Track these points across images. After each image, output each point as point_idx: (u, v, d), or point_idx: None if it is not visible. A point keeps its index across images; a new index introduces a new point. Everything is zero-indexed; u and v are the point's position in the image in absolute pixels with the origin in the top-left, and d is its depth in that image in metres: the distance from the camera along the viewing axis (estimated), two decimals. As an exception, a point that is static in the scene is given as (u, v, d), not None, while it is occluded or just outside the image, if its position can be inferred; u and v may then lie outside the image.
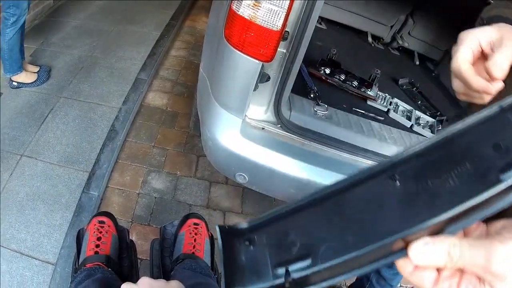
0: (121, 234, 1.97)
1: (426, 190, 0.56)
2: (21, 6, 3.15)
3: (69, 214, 2.65)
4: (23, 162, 2.90)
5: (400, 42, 3.96)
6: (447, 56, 3.65)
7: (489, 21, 0.96)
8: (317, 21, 3.99)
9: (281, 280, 0.60)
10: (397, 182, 0.59)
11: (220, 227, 0.66)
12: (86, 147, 3.06)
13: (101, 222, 1.89)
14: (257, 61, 1.93)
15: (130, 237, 2.09)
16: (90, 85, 3.70)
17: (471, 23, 1.13)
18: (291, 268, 0.60)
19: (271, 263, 0.63)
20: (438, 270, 0.57)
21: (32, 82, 3.58)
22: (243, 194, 3.13)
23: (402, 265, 0.57)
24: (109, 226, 1.89)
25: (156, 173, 3.12)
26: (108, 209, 2.68)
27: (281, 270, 0.61)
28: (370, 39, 4.13)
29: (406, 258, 0.55)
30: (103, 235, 1.83)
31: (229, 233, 0.67)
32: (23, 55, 3.51)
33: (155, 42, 4.54)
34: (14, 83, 3.52)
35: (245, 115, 2.16)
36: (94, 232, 1.83)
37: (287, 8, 1.83)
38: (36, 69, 3.67)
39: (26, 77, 3.55)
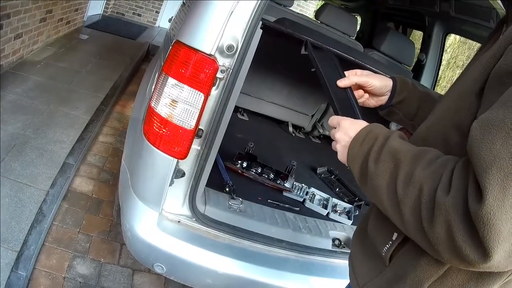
0: None
1: None
2: None
3: (-2, 291, 2.60)
4: (-47, 237, 2.83)
5: (321, 130, 4.12)
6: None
7: None
8: (240, 113, 4.17)
9: None
10: None
11: None
12: (15, 227, 3.02)
13: None
14: (172, 158, 2.02)
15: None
16: (20, 164, 3.68)
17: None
18: None
19: None
20: None
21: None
22: (166, 282, 3.14)
23: None
24: None
25: (81, 258, 3.10)
26: (36, 290, 2.65)
27: None
28: (291, 129, 4.28)
29: None
30: None
31: None
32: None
33: (85, 127, 4.55)
34: None
35: (162, 209, 2.23)
36: None
37: (200, 108, 1.93)
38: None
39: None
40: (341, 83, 1.57)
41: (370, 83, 1.58)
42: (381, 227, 1.24)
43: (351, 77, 1.59)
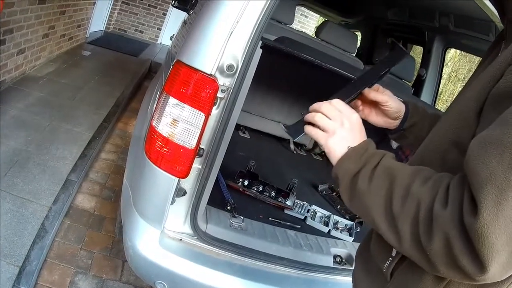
0: None
1: None
2: None
3: (0, 307, 2.61)
4: (-46, 251, 2.84)
5: (322, 147, 4.13)
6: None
7: None
8: (241, 131, 4.18)
9: None
10: None
11: None
12: (17, 242, 3.03)
13: None
14: (173, 177, 2.03)
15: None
16: (23, 180, 3.69)
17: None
18: None
19: None
20: None
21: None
22: (167, 299, 3.13)
23: None
24: None
25: (83, 274, 3.10)
26: (38, 306, 2.66)
27: None
28: (292, 146, 4.30)
29: None
30: None
31: None
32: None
33: (87, 144, 4.58)
34: None
35: (164, 227, 2.24)
36: None
37: (201, 127, 1.95)
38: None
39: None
40: (367, 92, 1.58)
41: (389, 104, 1.58)
42: (382, 243, 1.23)
43: (375, 93, 1.58)
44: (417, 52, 5.75)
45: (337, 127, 1.24)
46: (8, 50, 5.00)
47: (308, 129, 1.32)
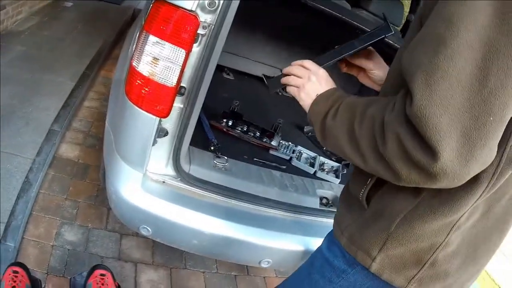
0: (34, 284, 2.11)
1: None
2: None
3: (-13, 264, 2.59)
4: None
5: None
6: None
7: None
8: (225, 72, 4.13)
9: None
10: None
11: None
12: (3, 198, 2.98)
13: (15, 272, 2.03)
14: (154, 116, 1.99)
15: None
16: (8, 134, 3.63)
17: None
18: None
19: None
20: None
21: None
22: (154, 245, 3.13)
23: None
24: (22, 276, 2.01)
25: (68, 225, 3.09)
26: (24, 260, 2.61)
27: None
28: (277, 88, 4.25)
29: None
30: (17, 284, 1.98)
31: None
32: None
33: (70, 93, 4.50)
34: None
35: (146, 169, 2.20)
36: (9, 281, 1.97)
37: (181, 65, 1.90)
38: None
39: None
40: (351, 57, 1.67)
41: (373, 72, 1.64)
42: (357, 177, 1.37)
43: (360, 60, 1.66)
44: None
45: (305, 82, 1.45)
46: (-11, 7, 4.90)
47: (287, 88, 1.57)
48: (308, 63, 1.51)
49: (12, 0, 5.51)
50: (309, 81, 1.43)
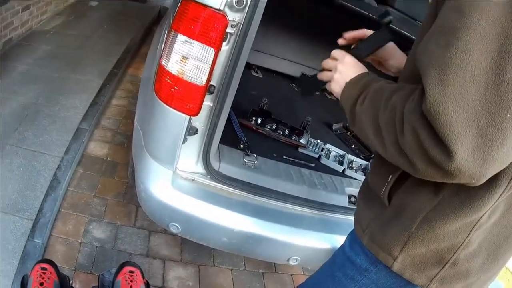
0: (63, 281, 2.11)
1: None
2: None
3: (15, 261, 2.61)
4: (-30, 207, 2.86)
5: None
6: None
7: None
8: (254, 70, 4.13)
9: None
10: None
11: None
12: (30, 195, 3.04)
13: (43, 268, 2.04)
14: (184, 115, 2.00)
15: (72, 284, 2.14)
16: (34, 133, 3.69)
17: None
18: None
19: None
20: None
21: (-21, 127, 3.52)
22: (182, 242, 3.15)
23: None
24: (50, 273, 2.02)
25: (97, 222, 3.12)
26: (52, 257, 2.64)
27: None
28: (306, 85, 4.24)
29: None
30: (45, 281, 1.98)
31: None
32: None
33: (97, 91, 4.53)
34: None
35: (176, 167, 2.22)
36: (37, 278, 1.97)
37: (211, 63, 1.91)
38: (-17, 114, 3.62)
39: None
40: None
41: (388, 62, 1.66)
42: (378, 173, 1.36)
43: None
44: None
45: (333, 73, 1.43)
46: (12, 8, 4.94)
47: (326, 85, 1.51)
48: (335, 52, 1.51)
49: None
50: (337, 71, 1.42)
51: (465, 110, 0.88)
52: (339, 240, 2.36)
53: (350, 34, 1.63)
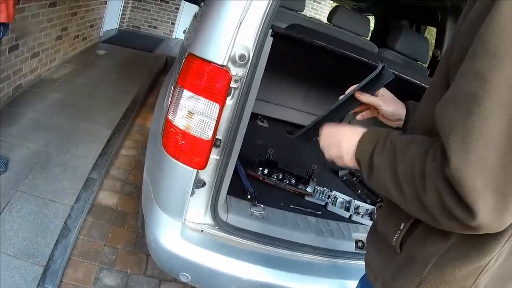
0: None
1: None
2: None
3: (26, 305, 2.64)
4: (-18, 251, 2.88)
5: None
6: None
7: None
8: (260, 120, 4.19)
9: None
10: None
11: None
12: (41, 242, 3.07)
13: None
14: (191, 168, 2.05)
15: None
16: (44, 181, 3.73)
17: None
18: None
19: None
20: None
21: (-10, 172, 3.58)
22: (192, 291, 3.16)
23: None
24: None
25: (107, 270, 3.14)
26: (62, 303, 2.70)
27: None
28: (311, 133, 4.30)
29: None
30: None
31: None
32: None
33: (106, 141, 4.60)
34: (-29, 170, 3.51)
35: (185, 219, 2.26)
36: None
37: (216, 118, 1.96)
38: (-6, 159, 3.68)
39: (-16, 166, 3.55)
40: (361, 96, 1.67)
41: (382, 108, 1.69)
42: (389, 221, 1.37)
43: (368, 97, 1.68)
44: (432, 33, 5.71)
45: (338, 143, 1.43)
46: (22, 54, 5.05)
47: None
48: (324, 130, 1.55)
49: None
50: (340, 143, 1.42)
51: (486, 173, 0.92)
52: (347, 285, 2.38)
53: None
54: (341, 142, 1.41)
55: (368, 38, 3.98)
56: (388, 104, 1.69)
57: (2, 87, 4.75)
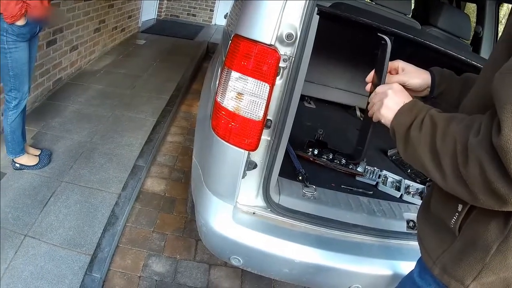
0: None
1: None
2: (22, 89, 3.25)
3: (72, 294, 2.69)
4: (27, 242, 2.94)
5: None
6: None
7: None
8: (307, 101, 4.16)
9: None
10: None
11: None
12: (88, 231, 3.12)
13: None
14: (243, 150, 2.04)
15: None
16: (90, 170, 3.79)
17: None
18: None
19: None
20: None
21: (34, 165, 3.65)
22: (242, 274, 3.16)
23: None
24: None
25: (156, 257, 3.17)
26: (110, 291, 2.73)
27: None
28: (358, 113, 4.25)
29: None
30: None
31: None
32: (25, 137, 3.59)
33: (152, 129, 4.66)
34: (16, 164, 3.59)
35: (236, 201, 2.25)
36: None
37: (267, 98, 1.94)
38: (38, 152, 3.75)
39: (28, 159, 3.63)
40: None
41: (408, 82, 1.67)
42: (445, 202, 1.33)
43: (391, 78, 1.68)
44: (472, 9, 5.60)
45: (383, 98, 1.45)
46: (60, 48, 5.16)
47: (373, 118, 1.53)
48: (379, 88, 1.53)
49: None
50: (387, 96, 1.43)
51: None
52: (399, 266, 2.34)
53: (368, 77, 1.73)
54: (388, 102, 1.43)
55: (410, 16, 3.90)
56: (413, 77, 1.68)
57: (42, 81, 4.83)
